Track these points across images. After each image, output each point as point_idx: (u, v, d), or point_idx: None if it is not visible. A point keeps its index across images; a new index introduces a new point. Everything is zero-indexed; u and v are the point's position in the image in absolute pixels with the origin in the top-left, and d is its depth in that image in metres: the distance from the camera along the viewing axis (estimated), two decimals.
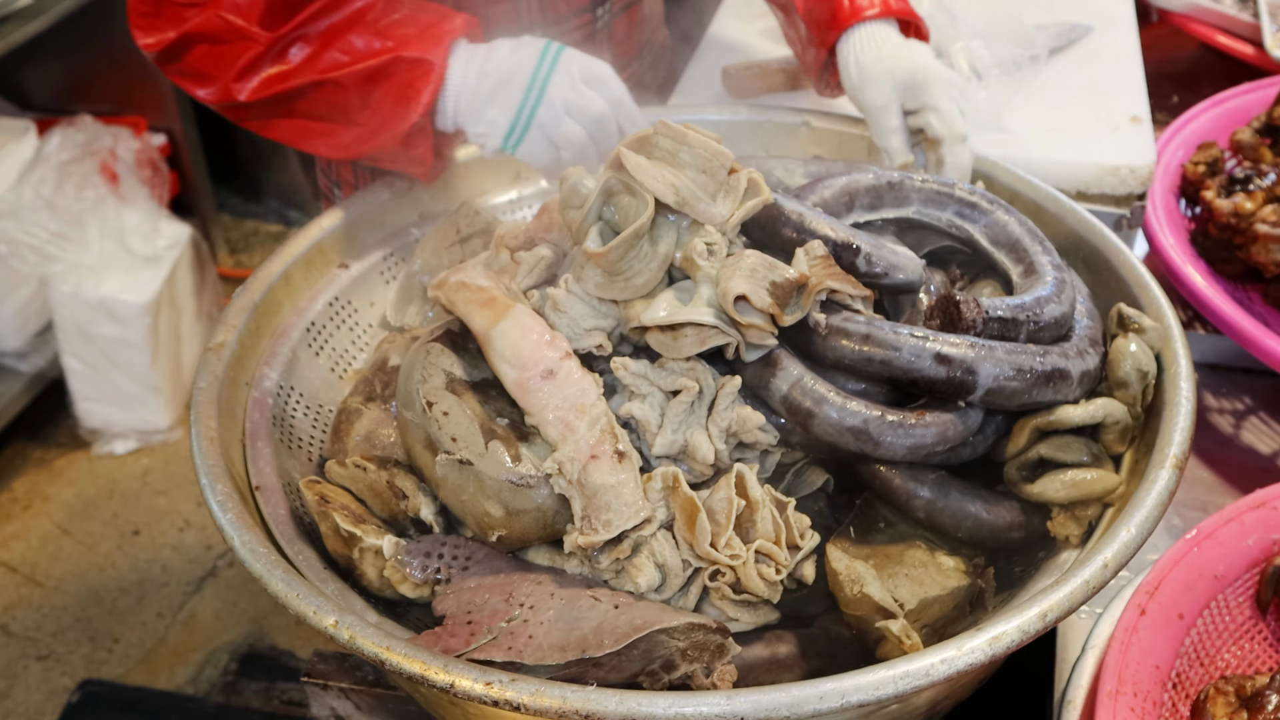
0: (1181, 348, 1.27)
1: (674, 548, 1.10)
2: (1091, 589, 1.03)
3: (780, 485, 1.22)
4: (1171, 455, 1.15)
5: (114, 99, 3.76)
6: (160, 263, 3.35)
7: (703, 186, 1.17)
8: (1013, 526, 1.19)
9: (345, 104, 1.45)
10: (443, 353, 1.21)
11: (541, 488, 1.12)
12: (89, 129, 3.35)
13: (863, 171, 1.39)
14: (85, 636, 3.07)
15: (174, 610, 3.15)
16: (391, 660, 0.99)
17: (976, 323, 1.18)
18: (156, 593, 3.20)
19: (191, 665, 3.02)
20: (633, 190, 1.15)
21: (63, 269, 3.22)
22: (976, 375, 1.14)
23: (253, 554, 1.10)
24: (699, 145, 1.18)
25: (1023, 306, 1.21)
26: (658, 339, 1.14)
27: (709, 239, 1.17)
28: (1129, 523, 1.08)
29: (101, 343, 3.34)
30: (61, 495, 3.46)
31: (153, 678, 2.98)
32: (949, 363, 1.13)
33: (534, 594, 1.10)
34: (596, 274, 1.16)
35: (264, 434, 1.33)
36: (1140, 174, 1.76)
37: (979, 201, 1.37)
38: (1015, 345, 1.17)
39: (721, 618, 1.12)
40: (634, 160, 1.16)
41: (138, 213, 3.33)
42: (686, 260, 1.17)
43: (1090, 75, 1.99)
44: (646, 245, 1.16)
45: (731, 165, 1.18)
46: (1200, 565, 1.33)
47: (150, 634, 3.09)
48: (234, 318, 1.40)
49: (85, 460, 3.56)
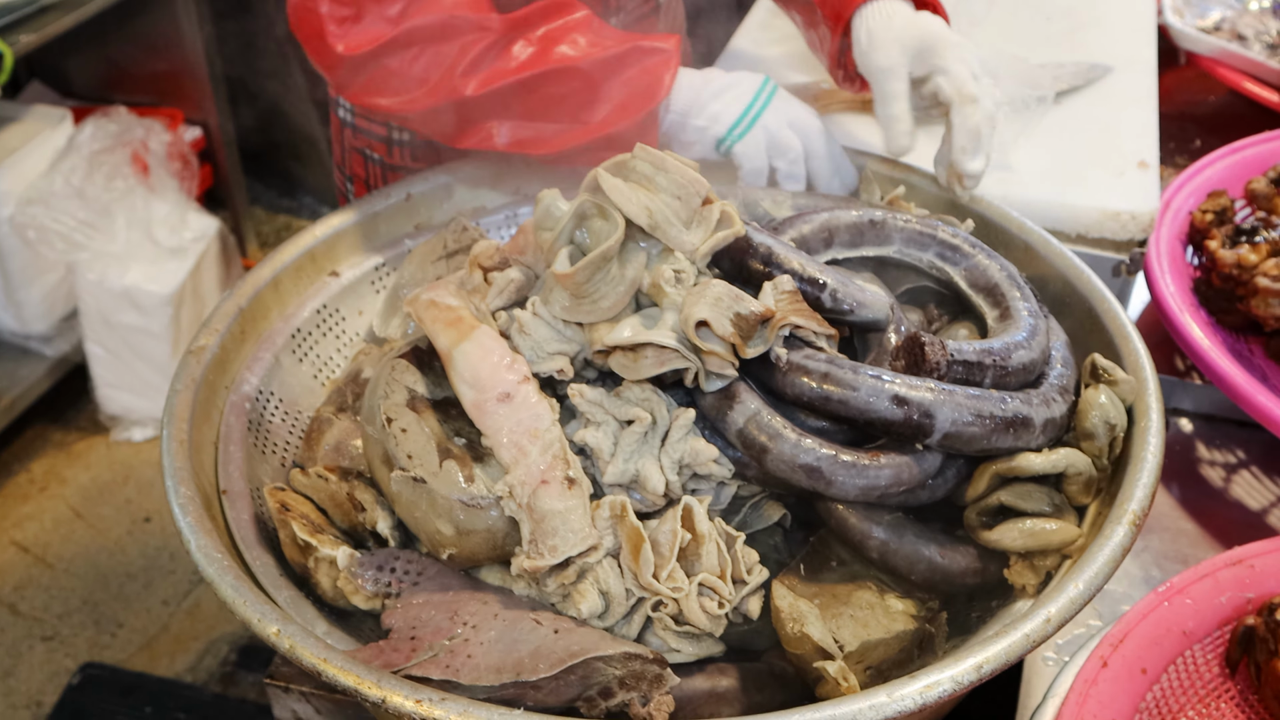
0: (1155, 402, 1.26)
1: (619, 576, 1.11)
2: (1032, 642, 1.02)
3: (736, 518, 1.22)
4: (1130, 511, 1.14)
5: (153, 90, 3.83)
6: (186, 254, 3.40)
7: (676, 212, 1.18)
8: (968, 572, 1.19)
9: (581, 93, 1.47)
10: (407, 369, 1.22)
11: (492, 509, 1.13)
12: (122, 120, 3.40)
13: (846, 209, 1.39)
14: (90, 620, 3.12)
15: (179, 598, 3.19)
16: (327, 672, 1.01)
17: (940, 365, 1.18)
18: (163, 580, 3.24)
19: (192, 654, 3.06)
20: (606, 214, 1.17)
21: (89, 257, 3.28)
22: (934, 419, 1.14)
23: (206, 558, 1.12)
24: (676, 171, 1.18)
25: (989, 351, 1.21)
26: (619, 361, 1.15)
27: (678, 266, 1.18)
28: (1078, 578, 1.08)
29: (124, 331, 3.39)
30: (78, 479, 3.51)
31: (153, 664, 3.02)
32: (906, 404, 1.13)
33: (478, 613, 1.11)
34: (563, 296, 1.17)
35: (238, 438, 1.34)
36: (1141, 220, 1.75)
37: (961, 244, 1.37)
38: (977, 391, 1.17)
39: (664, 648, 1.12)
40: (610, 182, 1.17)
41: (166, 204, 3.38)
42: (654, 286, 1.18)
43: (1102, 117, 1.98)
44: (615, 268, 1.17)
45: (707, 195, 1.19)
46: (1169, 620, 1.32)
47: (154, 621, 3.14)
48: (218, 321, 1.42)
49: (103, 445, 3.62)
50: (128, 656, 3.04)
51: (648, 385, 1.16)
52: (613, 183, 1.17)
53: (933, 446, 1.16)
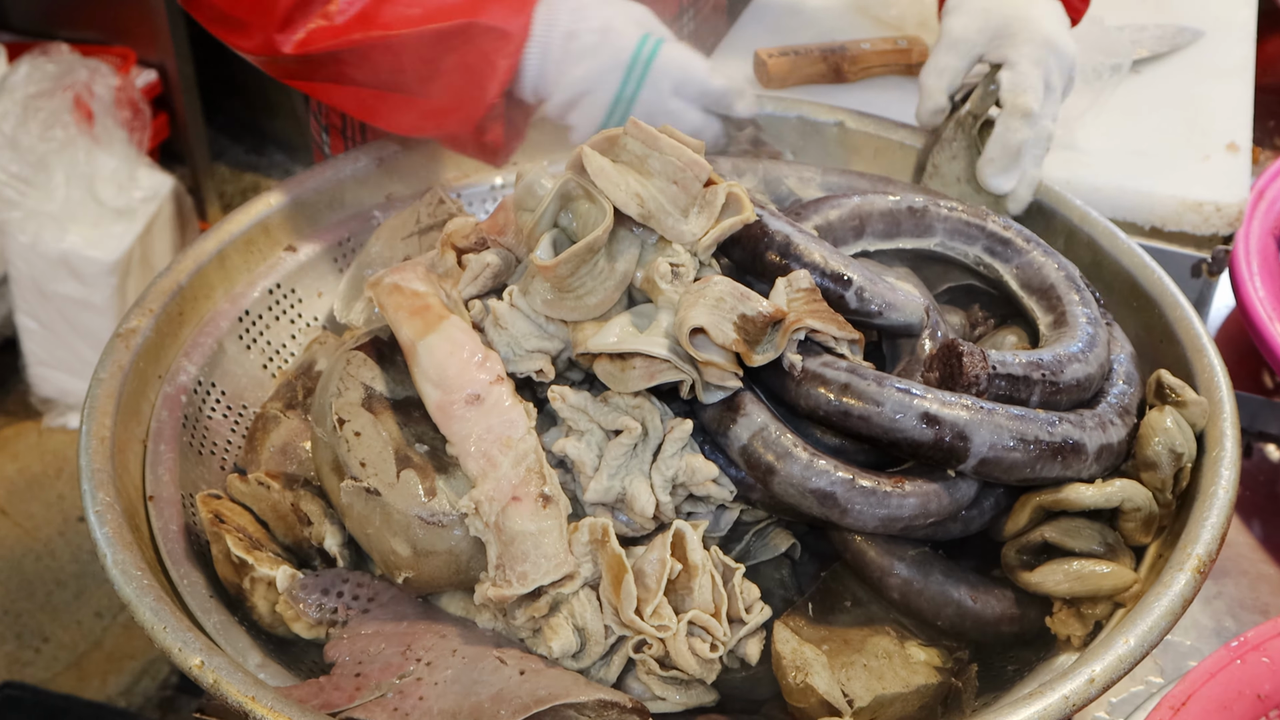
0: (1230, 429, 1.25)
1: (597, 610, 1.11)
2: (1072, 706, 1.02)
3: (738, 547, 1.22)
4: (1194, 556, 1.13)
5: (102, 26, 3.83)
6: (134, 216, 3.41)
7: (673, 199, 1.17)
8: (1003, 620, 1.18)
9: (408, 73, 1.45)
10: (365, 364, 1.22)
11: (455, 528, 1.13)
12: (64, 60, 3.41)
13: (882, 193, 1.38)
14: (11, 632, 3.14)
15: (114, 611, 3.20)
16: (255, 712, 1.01)
17: (980, 379, 1.17)
18: (97, 589, 3.25)
19: (127, 674, 3.07)
20: (593, 197, 1.16)
21: (21, 216, 3.28)
22: (969, 441, 1.13)
23: (124, 575, 1.12)
24: (671, 152, 1.18)
25: (1039, 364, 1.20)
26: (605, 368, 1.15)
27: (675, 259, 1.17)
28: (1131, 631, 1.07)
29: (60, 302, 3.40)
30: (4, 469, 3.53)
31: (82, 685, 3.03)
32: (938, 424, 1.12)
33: (434, 648, 1.11)
34: (545, 289, 1.17)
35: (170, 436, 1.35)
36: (1228, 213, 1.74)
37: (1014, 238, 1.37)
38: (1021, 410, 1.16)
39: (646, 695, 1.12)
40: (596, 163, 1.16)
41: (113, 158, 3.39)
42: (648, 282, 1.17)
43: (1187, 90, 1.97)
44: (603, 261, 1.16)
45: (709, 177, 1.18)
46: (1242, 680, 1.31)
47: (85, 635, 3.15)
48: (153, 301, 1.42)
49: (34, 432, 3.64)
50: (53, 675, 3.05)
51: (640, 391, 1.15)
52: (599, 164, 1.16)
53: (967, 473, 1.16)
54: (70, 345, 3.49)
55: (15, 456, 3.57)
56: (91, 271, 3.35)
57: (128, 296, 3.46)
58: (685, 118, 1.48)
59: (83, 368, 3.53)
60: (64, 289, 3.37)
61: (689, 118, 1.49)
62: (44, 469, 3.55)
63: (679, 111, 1.48)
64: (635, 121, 1.19)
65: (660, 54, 1.45)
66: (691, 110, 1.49)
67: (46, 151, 3.29)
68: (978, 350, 1.18)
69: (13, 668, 3.06)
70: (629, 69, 1.44)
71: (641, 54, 1.44)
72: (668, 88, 1.45)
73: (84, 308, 3.41)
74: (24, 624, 3.16)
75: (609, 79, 1.44)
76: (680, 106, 1.48)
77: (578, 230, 1.18)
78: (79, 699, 2.97)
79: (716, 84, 1.48)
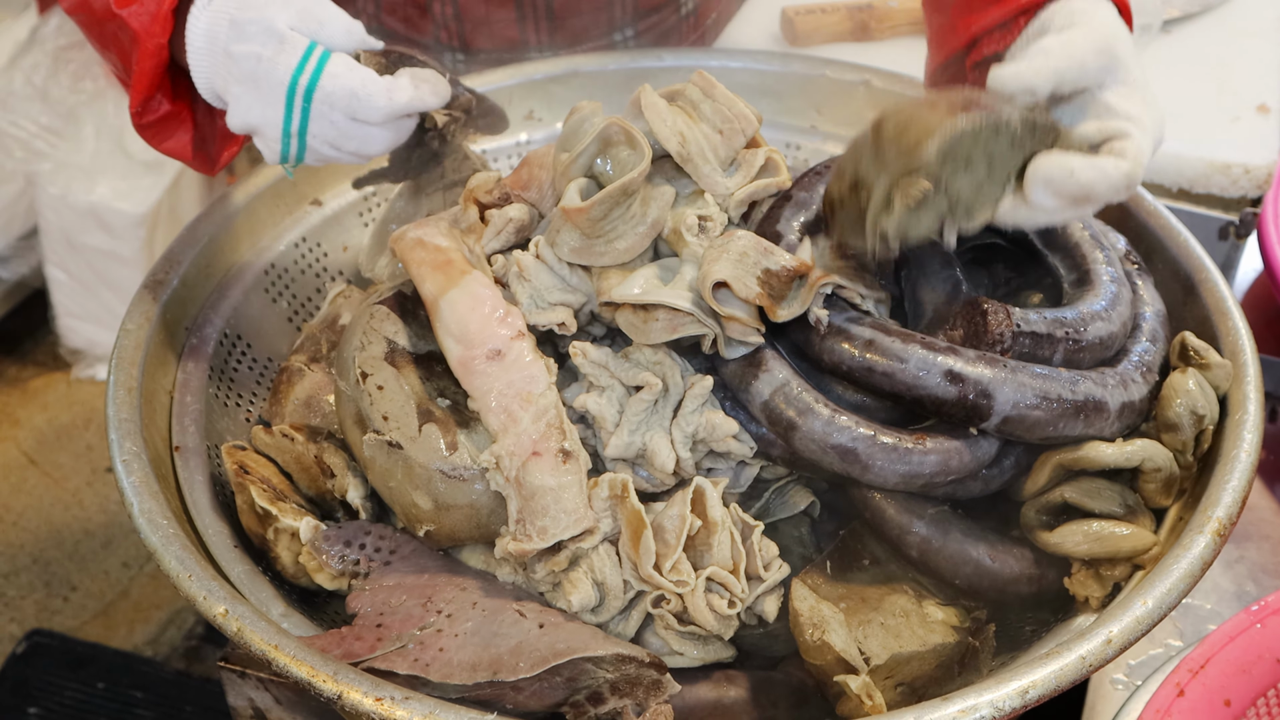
0: (1253, 392, 1.24)
1: (616, 565, 1.11)
2: (1089, 666, 1.02)
3: (757, 504, 1.22)
4: (1214, 519, 1.12)
5: None
6: (163, 170, 3.41)
7: (715, 147, 1.19)
8: (1021, 579, 1.18)
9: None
10: (388, 318, 1.23)
11: (476, 482, 1.13)
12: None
13: None
14: (40, 581, 3.17)
15: (141, 561, 3.22)
16: (279, 661, 1.02)
17: (1004, 336, 1.16)
18: (124, 539, 3.27)
19: (153, 624, 3.09)
20: (634, 142, 1.17)
21: (52, 168, 3.28)
22: (993, 400, 1.13)
23: (150, 524, 1.13)
24: (724, 101, 1.20)
25: (1062, 321, 1.20)
26: (628, 319, 1.15)
27: (704, 211, 1.17)
28: (1149, 593, 1.07)
29: (90, 254, 3.40)
30: (33, 420, 3.55)
31: (109, 634, 3.06)
32: (962, 382, 1.12)
33: (455, 601, 1.11)
34: (573, 236, 1.17)
35: (196, 387, 1.35)
36: (1256, 175, 1.72)
37: None
38: (1044, 369, 1.15)
39: (664, 650, 1.12)
40: (651, 99, 1.18)
41: None
42: (674, 234, 1.17)
43: (1217, 51, 1.95)
44: (636, 206, 1.17)
45: (754, 137, 1.20)
46: (1261, 644, 1.30)
47: (112, 585, 3.17)
48: (180, 253, 1.43)
49: (63, 383, 3.65)
50: (80, 624, 3.07)
51: (661, 346, 1.16)
52: (653, 100, 1.18)
53: (989, 431, 1.15)
54: (99, 297, 3.50)
55: (45, 407, 3.59)
56: (120, 224, 3.35)
57: (156, 249, 3.46)
58: (374, 139, 1.28)
59: (111, 319, 3.54)
60: (93, 241, 3.38)
61: (377, 137, 1.28)
62: (72, 420, 3.57)
63: (365, 137, 1.27)
64: (702, 72, 1.21)
65: (322, 83, 1.23)
66: (379, 130, 1.27)
67: (76, 104, 3.29)
68: (1002, 307, 1.17)
69: (41, 615, 3.09)
70: (288, 104, 1.24)
71: (298, 85, 1.23)
72: (340, 118, 1.24)
73: (112, 260, 3.42)
74: (52, 573, 3.19)
75: (270, 116, 1.24)
76: (364, 132, 1.26)
77: (613, 177, 1.19)
78: (105, 647, 2.99)
79: (400, 100, 1.26)
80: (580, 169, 1.19)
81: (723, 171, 1.21)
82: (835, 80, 1.70)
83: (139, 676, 2.89)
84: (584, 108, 1.23)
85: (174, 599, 3.13)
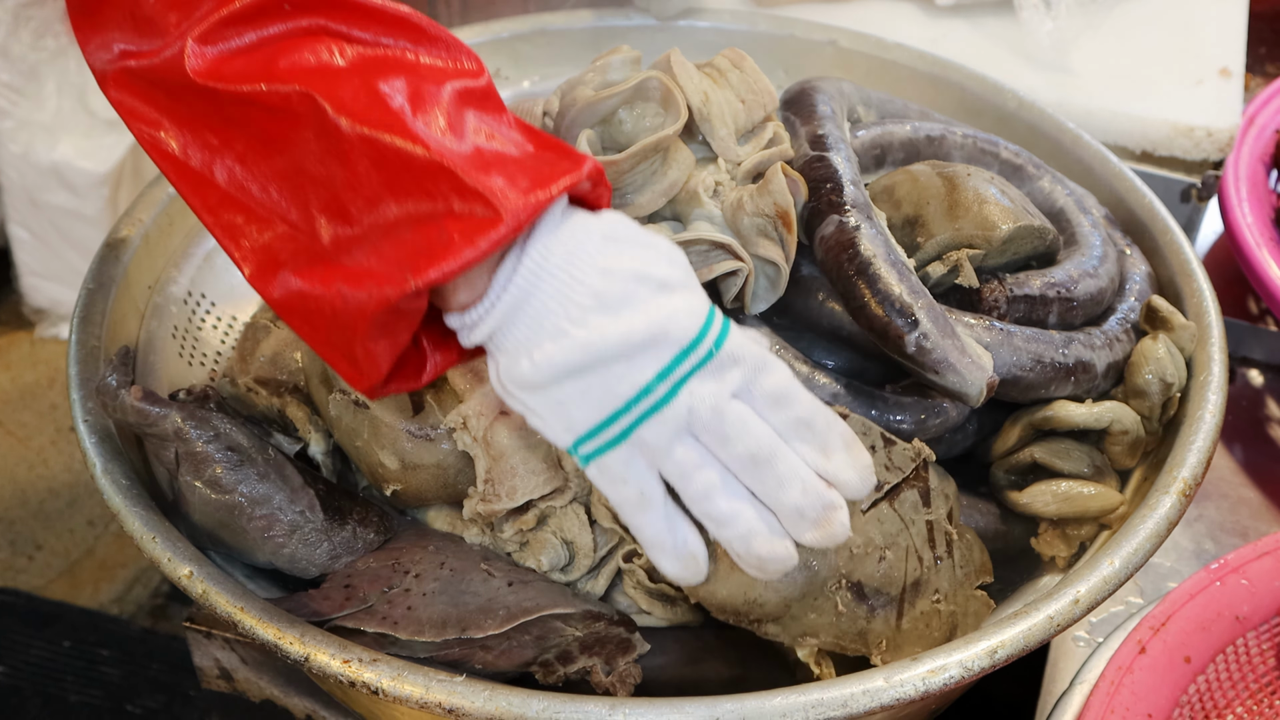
0: (1218, 353, 1.23)
1: (586, 524, 1.10)
2: (1056, 626, 1.01)
3: None
4: (1179, 479, 1.12)
5: None
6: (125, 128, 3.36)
7: (734, 114, 1.20)
8: (986, 535, 1.18)
9: (329, 176, 0.89)
10: None
11: (443, 441, 1.11)
12: None
13: (900, 121, 1.38)
14: (5, 540, 3.13)
15: (105, 520, 3.19)
16: (244, 623, 1.00)
17: (1000, 302, 1.18)
18: (89, 498, 3.24)
19: (119, 582, 3.07)
20: (668, 101, 1.17)
21: (12, 126, 3.23)
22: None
23: (113, 484, 1.11)
24: (752, 74, 1.23)
25: (1052, 283, 1.22)
26: None
27: (719, 177, 1.19)
28: (1115, 553, 1.06)
29: (52, 213, 3.36)
30: None
31: (75, 592, 3.03)
32: None
33: (423, 561, 1.10)
34: None
35: (160, 346, 1.33)
36: (1219, 138, 1.71)
37: (1024, 165, 1.38)
38: (1037, 331, 1.18)
39: (633, 609, 1.11)
40: (680, 59, 1.20)
41: None
42: (688, 193, 1.17)
43: (1181, 14, 1.93)
44: (659, 163, 1.17)
45: (769, 114, 1.23)
46: (1221, 602, 1.30)
47: (77, 543, 3.14)
48: (142, 211, 1.39)
49: (26, 343, 3.60)
50: (46, 583, 3.04)
51: None
52: (682, 60, 1.19)
53: None
54: (62, 255, 3.46)
55: (8, 366, 3.55)
56: (83, 182, 3.31)
57: (119, 207, 3.41)
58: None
59: (75, 278, 3.49)
60: (56, 199, 3.33)
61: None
62: (36, 379, 3.52)
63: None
64: (733, 48, 1.25)
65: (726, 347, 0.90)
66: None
67: (38, 61, 3.24)
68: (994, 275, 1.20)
69: (5, 574, 3.06)
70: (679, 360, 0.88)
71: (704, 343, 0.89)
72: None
73: (76, 218, 3.37)
74: (17, 531, 3.16)
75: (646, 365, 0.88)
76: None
77: (629, 134, 1.19)
78: (71, 605, 2.96)
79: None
80: (599, 114, 1.20)
81: (735, 139, 1.22)
82: (803, 40, 1.68)
83: (105, 634, 2.87)
84: (621, 51, 1.24)
85: (139, 558, 3.10)
